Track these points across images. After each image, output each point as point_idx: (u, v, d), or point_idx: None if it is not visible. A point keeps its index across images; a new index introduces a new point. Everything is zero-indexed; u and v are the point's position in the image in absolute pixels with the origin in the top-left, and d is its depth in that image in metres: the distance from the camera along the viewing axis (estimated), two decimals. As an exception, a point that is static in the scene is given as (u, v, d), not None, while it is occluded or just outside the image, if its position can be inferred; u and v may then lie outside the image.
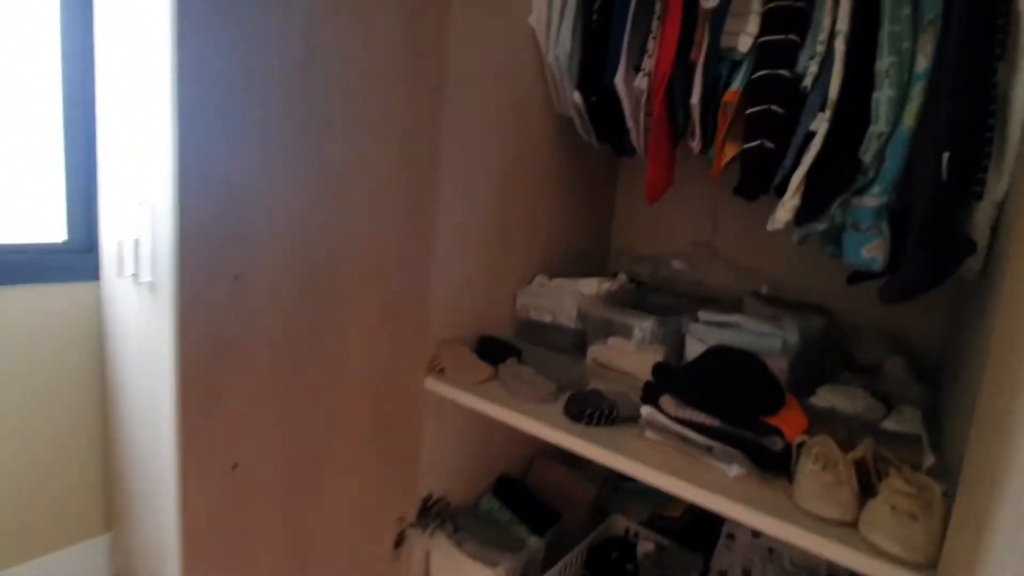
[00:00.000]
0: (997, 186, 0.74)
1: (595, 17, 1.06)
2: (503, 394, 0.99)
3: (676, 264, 1.49)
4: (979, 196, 0.75)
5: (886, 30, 0.76)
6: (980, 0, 0.70)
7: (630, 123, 1.07)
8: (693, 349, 1.03)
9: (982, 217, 0.76)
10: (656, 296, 1.34)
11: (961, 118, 0.72)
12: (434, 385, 1.07)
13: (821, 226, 0.87)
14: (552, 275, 1.32)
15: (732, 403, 0.79)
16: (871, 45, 0.77)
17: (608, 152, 1.28)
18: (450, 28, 0.98)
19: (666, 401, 0.83)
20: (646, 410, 0.85)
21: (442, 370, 1.07)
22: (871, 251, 0.81)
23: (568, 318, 1.20)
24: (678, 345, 1.08)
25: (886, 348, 1.11)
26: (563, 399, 0.93)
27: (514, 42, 1.13)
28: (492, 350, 1.10)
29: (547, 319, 1.22)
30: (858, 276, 0.99)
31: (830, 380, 1.04)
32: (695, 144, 1.03)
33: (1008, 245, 0.66)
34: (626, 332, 1.10)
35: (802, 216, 0.87)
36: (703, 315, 1.05)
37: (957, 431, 0.76)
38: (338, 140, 0.87)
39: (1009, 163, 0.73)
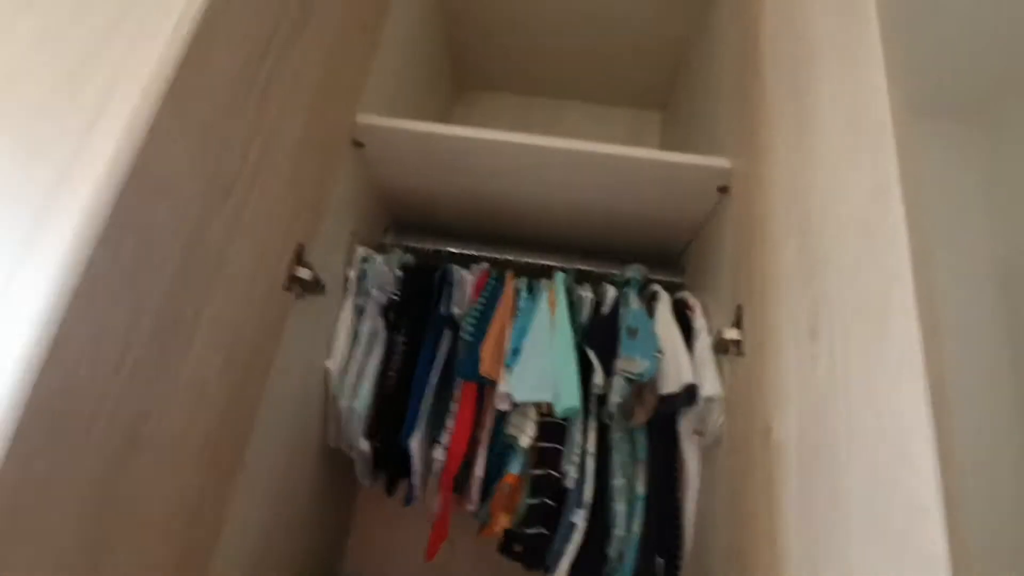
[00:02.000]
0: (685, 577, 1.07)
1: (390, 386, 1.17)
2: None
3: (416, 596, 1.45)
4: (678, 585, 1.06)
5: (616, 459, 1.09)
6: (664, 453, 1.10)
7: (416, 480, 1.13)
8: None
9: (678, 599, 1.07)
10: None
11: (664, 532, 1.05)
12: None
13: (584, 604, 1.05)
14: (290, 639, 1.10)
15: None
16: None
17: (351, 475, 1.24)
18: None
19: None
20: None
21: None
22: (623, 633, 1.00)
23: None
24: None
25: None
26: None
27: (309, 382, 1.11)
28: None
29: None
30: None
31: None
32: (472, 507, 1.14)
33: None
34: None
35: (569, 595, 1.04)
36: None
37: None
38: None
39: (687, 558, 1.08)
